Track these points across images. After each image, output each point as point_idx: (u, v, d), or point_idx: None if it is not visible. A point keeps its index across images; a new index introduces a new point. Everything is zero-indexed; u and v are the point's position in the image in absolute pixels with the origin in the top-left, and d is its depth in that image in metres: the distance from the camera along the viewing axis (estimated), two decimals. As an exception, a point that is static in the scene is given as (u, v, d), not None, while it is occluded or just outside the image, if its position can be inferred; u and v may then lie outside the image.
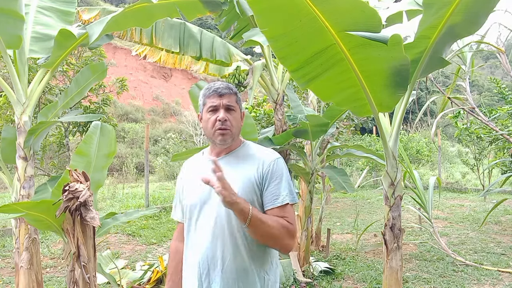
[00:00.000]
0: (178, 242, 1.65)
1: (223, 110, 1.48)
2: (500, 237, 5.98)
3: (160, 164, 14.93)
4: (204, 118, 1.52)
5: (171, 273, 1.64)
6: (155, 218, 7.30)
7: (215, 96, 1.49)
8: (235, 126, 1.50)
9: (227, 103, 1.49)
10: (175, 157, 4.33)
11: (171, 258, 1.66)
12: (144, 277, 4.00)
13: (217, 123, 1.47)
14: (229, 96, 1.50)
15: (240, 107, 1.56)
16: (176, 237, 1.67)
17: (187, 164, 1.67)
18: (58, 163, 7.84)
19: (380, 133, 2.57)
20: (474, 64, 4.53)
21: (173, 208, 1.69)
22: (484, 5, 2.09)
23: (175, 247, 1.65)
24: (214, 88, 1.50)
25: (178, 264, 1.61)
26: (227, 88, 1.51)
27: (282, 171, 1.49)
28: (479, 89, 33.80)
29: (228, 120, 1.47)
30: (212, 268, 1.42)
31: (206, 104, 1.51)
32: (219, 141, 1.48)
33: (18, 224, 2.90)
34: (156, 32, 4.01)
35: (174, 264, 1.63)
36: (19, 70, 2.98)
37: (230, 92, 1.51)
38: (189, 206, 1.52)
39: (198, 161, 1.63)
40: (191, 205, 1.51)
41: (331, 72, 2.20)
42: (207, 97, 1.51)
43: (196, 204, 1.49)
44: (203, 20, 27.88)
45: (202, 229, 1.46)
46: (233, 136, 1.50)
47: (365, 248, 5.47)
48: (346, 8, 1.86)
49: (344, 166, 13.91)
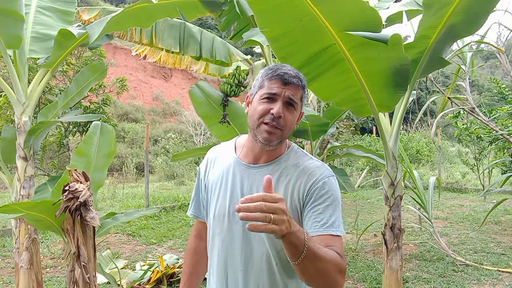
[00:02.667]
0: (198, 240, 1.44)
1: (282, 103, 1.15)
2: (500, 237, 5.98)
3: (160, 164, 14.92)
4: (254, 103, 1.19)
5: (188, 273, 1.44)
6: (155, 218, 7.30)
7: (279, 81, 1.15)
8: (288, 127, 1.17)
9: (290, 96, 1.15)
10: (175, 157, 4.33)
11: (188, 256, 1.46)
12: (144, 277, 4.00)
13: (268, 115, 1.14)
14: (295, 88, 1.16)
15: (302, 106, 1.22)
16: (195, 233, 1.45)
17: (213, 155, 1.35)
18: (58, 163, 7.85)
19: (380, 133, 2.57)
20: (474, 64, 4.53)
21: (191, 202, 1.43)
22: (484, 5, 2.09)
23: (194, 244, 1.44)
24: (281, 71, 1.16)
25: (196, 264, 1.43)
26: (296, 77, 1.17)
27: (337, 193, 1.17)
28: (479, 89, 33.78)
29: (283, 118, 1.15)
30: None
31: (263, 88, 1.18)
32: (263, 139, 1.15)
33: (18, 224, 2.90)
34: (156, 32, 4.01)
35: (193, 262, 1.44)
36: (19, 70, 2.98)
37: (298, 83, 1.17)
38: (213, 220, 1.26)
39: (227, 157, 1.30)
40: (216, 220, 1.24)
41: (331, 72, 2.20)
42: (269, 80, 1.17)
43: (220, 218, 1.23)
44: (203, 20, 27.86)
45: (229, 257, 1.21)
46: (282, 138, 1.18)
47: (365, 248, 5.46)
48: (346, 8, 1.86)
49: (344, 166, 13.90)
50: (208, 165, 1.35)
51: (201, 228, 1.43)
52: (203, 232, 1.39)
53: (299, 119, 1.23)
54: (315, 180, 1.16)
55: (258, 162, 1.23)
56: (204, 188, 1.35)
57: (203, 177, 1.36)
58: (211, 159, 1.35)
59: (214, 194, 1.27)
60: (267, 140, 1.15)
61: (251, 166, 1.23)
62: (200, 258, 1.44)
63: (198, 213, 1.40)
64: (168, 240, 5.94)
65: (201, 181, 1.37)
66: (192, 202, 1.43)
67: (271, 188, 0.91)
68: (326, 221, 1.10)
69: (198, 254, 1.44)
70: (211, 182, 1.30)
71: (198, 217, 1.41)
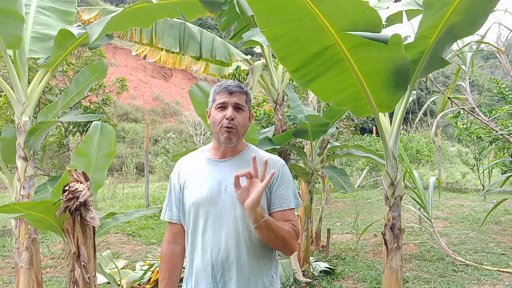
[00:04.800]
0: (173, 245, 1.57)
1: (232, 108, 1.46)
2: (500, 237, 5.98)
3: (160, 164, 14.94)
4: (212, 114, 1.50)
5: (167, 278, 1.54)
6: (155, 218, 7.30)
7: (225, 93, 1.47)
8: (242, 126, 1.48)
9: (237, 102, 1.47)
10: (175, 157, 4.32)
11: (165, 261, 1.56)
12: (144, 277, 4.01)
13: (224, 120, 1.44)
14: (239, 95, 1.48)
15: (250, 108, 1.53)
16: (169, 239, 1.59)
17: (184, 163, 1.61)
18: (58, 163, 7.86)
19: (380, 133, 2.57)
20: (474, 64, 4.53)
21: (164, 208, 1.61)
22: (484, 5, 2.09)
23: (170, 250, 1.57)
24: (225, 85, 1.48)
25: (174, 268, 1.55)
26: (238, 86, 1.49)
27: (288, 176, 1.52)
28: (479, 89, 33.79)
29: (235, 119, 1.45)
30: (227, 268, 1.42)
31: (216, 101, 1.49)
32: (224, 139, 1.45)
33: (18, 224, 2.90)
34: (156, 32, 4.01)
35: (170, 267, 1.55)
36: (19, 70, 2.98)
37: (240, 90, 1.49)
38: (195, 206, 1.47)
39: (197, 160, 1.57)
40: (197, 205, 1.46)
41: (331, 72, 2.20)
42: (217, 94, 1.49)
43: (202, 204, 1.46)
44: (203, 20, 27.88)
45: (212, 230, 1.44)
46: (238, 135, 1.48)
47: (365, 248, 5.47)
48: (346, 8, 1.86)
49: (344, 166, 13.91)
50: (181, 170, 1.59)
51: (175, 231, 1.58)
52: (178, 235, 1.58)
53: (250, 118, 1.55)
54: (277, 168, 1.48)
55: (225, 157, 1.52)
56: (179, 189, 1.56)
57: (176, 182, 1.58)
58: (182, 165, 1.60)
59: (192, 186, 1.51)
60: (228, 138, 1.45)
61: (220, 160, 1.52)
62: (177, 262, 1.57)
63: (172, 216, 1.58)
64: (168, 240, 5.93)
65: (174, 185, 1.58)
66: (166, 208, 1.60)
67: (239, 182, 1.29)
68: (284, 199, 1.47)
69: (175, 259, 1.57)
70: (186, 180, 1.54)
71: (172, 219, 1.58)
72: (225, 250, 1.41)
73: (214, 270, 1.42)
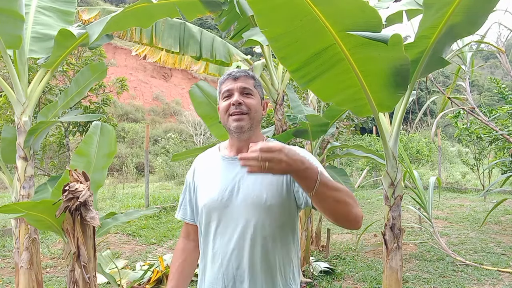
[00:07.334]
0: (187, 241, 1.50)
1: (238, 93, 1.30)
2: (500, 237, 5.98)
3: (160, 164, 14.93)
4: (220, 106, 1.35)
5: (177, 278, 1.44)
6: (155, 218, 7.30)
7: (230, 80, 1.33)
8: (253, 111, 1.30)
9: (243, 85, 1.31)
10: (175, 157, 4.33)
11: (176, 256, 1.48)
12: (144, 277, 4.01)
13: (231, 107, 1.29)
14: (245, 79, 1.33)
15: (260, 95, 1.37)
16: (183, 235, 1.51)
17: (200, 161, 1.48)
18: (58, 163, 7.86)
19: (380, 133, 2.57)
20: (474, 64, 4.53)
21: (179, 206, 1.52)
22: (484, 5, 2.09)
23: (183, 245, 1.49)
24: (229, 72, 1.35)
25: (185, 265, 1.46)
26: (243, 71, 1.35)
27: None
28: (479, 89, 33.80)
29: (243, 104, 1.28)
30: (239, 280, 1.27)
31: (221, 91, 1.35)
32: (234, 128, 1.28)
33: (18, 224, 2.90)
34: (156, 32, 4.01)
35: (180, 262, 1.46)
36: (19, 70, 2.98)
37: (246, 75, 1.34)
38: (206, 209, 1.34)
39: (212, 158, 1.43)
40: (208, 208, 1.33)
41: (331, 72, 2.20)
42: (222, 84, 1.36)
43: (213, 206, 1.31)
44: (203, 20, 27.89)
45: (223, 237, 1.30)
46: (251, 122, 1.30)
47: (365, 248, 5.47)
48: (346, 8, 1.85)
49: (344, 166, 13.91)
50: (196, 169, 1.47)
51: (189, 230, 1.51)
52: (192, 233, 1.49)
53: (265, 107, 1.38)
54: None
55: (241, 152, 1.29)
56: (193, 188, 1.45)
57: (191, 181, 1.47)
58: (198, 164, 1.48)
59: (204, 187, 1.38)
60: (238, 127, 1.28)
61: (235, 158, 1.33)
62: (188, 256, 1.49)
63: (185, 215, 1.49)
64: (168, 240, 5.94)
65: (189, 184, 1.48)
66: (180, 206, 1.52)
67: None
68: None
69: (186, 253, 1.49)
70: (200, 180, 1.42)
71: (185, 219, 1.49)
72: (236, 259, 1.27)
73: (225, 281, 1.29)
